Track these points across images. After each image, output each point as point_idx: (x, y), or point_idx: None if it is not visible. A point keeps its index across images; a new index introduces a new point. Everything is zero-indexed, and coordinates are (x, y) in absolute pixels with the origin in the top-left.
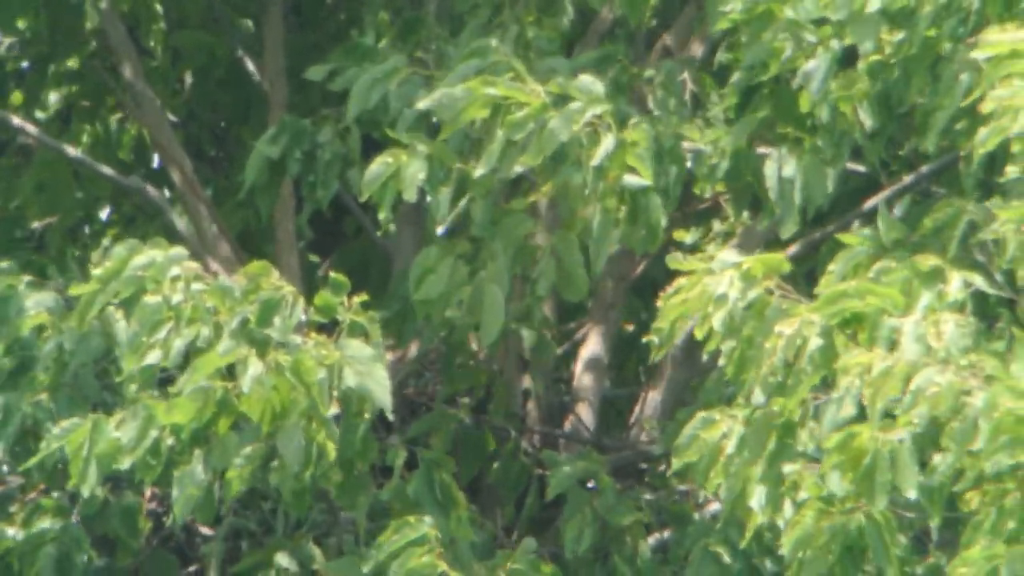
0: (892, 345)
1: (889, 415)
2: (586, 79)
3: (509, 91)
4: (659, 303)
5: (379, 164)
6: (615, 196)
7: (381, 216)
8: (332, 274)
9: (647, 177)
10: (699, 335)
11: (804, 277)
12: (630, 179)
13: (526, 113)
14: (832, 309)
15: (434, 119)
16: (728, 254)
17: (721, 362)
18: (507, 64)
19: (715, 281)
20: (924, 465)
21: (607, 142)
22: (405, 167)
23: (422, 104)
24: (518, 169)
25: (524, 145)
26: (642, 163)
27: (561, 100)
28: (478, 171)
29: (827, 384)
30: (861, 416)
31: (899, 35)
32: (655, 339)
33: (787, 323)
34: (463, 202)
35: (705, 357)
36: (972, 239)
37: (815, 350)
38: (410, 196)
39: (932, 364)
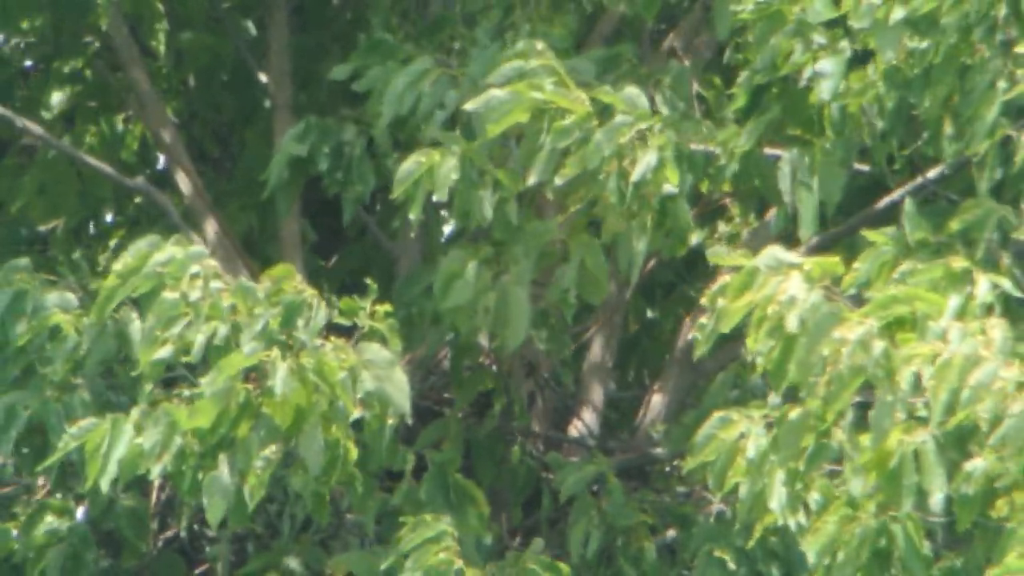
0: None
1: (916, 417)
2: (631, 91)
3: (554, 96)
4: (704, 300)
5: (412, 163)
6: (646, 205)
7: (411, 215)
8: (367, 280)
9: (675, 183)
10: (751, 340)
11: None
12: (667, 188)
13: (572, 121)
14: (883, 313)
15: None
16: (779, 252)
17: (756, 360)
18: (549, 67)
19: (779, 283)
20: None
21: (649, 158)
22: (438, 167)
23: (469, 106)
24: (558, 181)
25: (565, 153)
26: (673, 171)
27: (604, 110)
28: (531, 178)
29: (866, 388)
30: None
31: (922, 43)
32: (698, 335)
33: (845, 328)
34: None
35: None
36: (1002, 240)
37: (879, 354)
38: (441, 195)
39: (990, 360)
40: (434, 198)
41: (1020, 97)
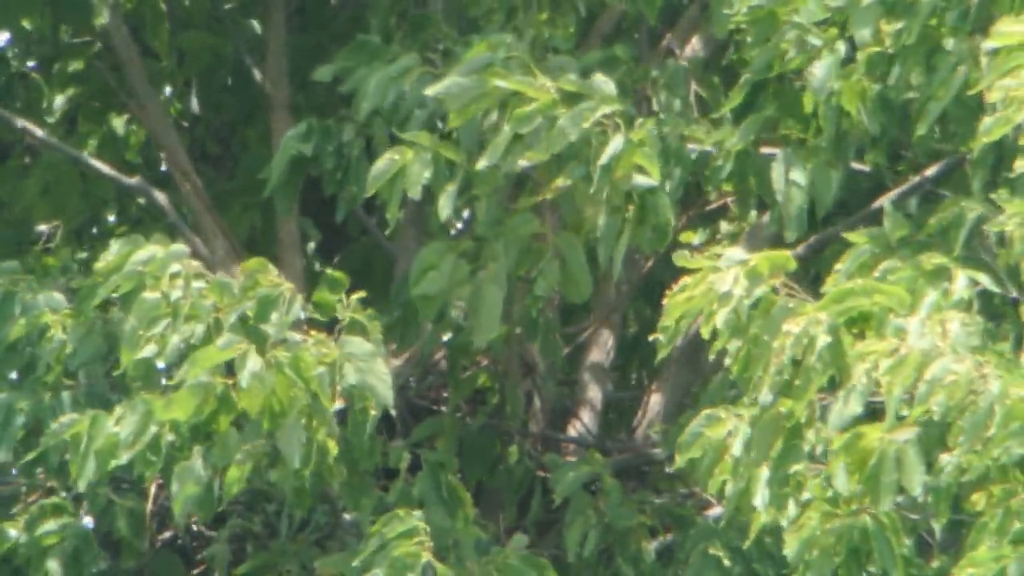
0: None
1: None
2: (598, 78)
3: (519, 84)
4: (665, 301)
5: (385, 161)
6: (622, 196)
7: (388, 214)
8: (329, 271)
9: (655, 176)
10: (704, 333)
11: (810, 279)
12: (638, 179)
13: (534, 108)
14: (839, 307)
15: (439, 121)
16: (734, 252)
17: (727, 361)
18: (519, 59)
19: (720, 279)
20: (930, 466)
21: (616, 142)
22: (410, 165)
23: (431, 91)
24: (523, 164)
25: (531, 141)
26: (650, 162)
27: (571, 98)
28: (481, 163)
29: (834, 385)
30: (868, 415)
31: (898, 25)
32: (661, 337)
33: (794, 321)
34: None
35: (711, 358)
36: (978, 234)
37: (824, 348)
38: (414, 194)
39: (945, 354)
40: (408, 195)
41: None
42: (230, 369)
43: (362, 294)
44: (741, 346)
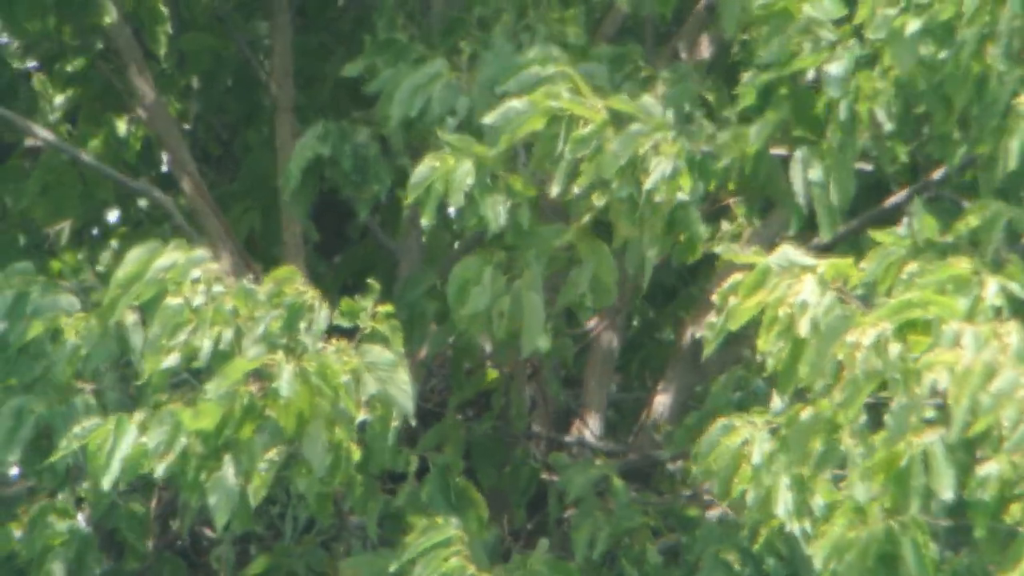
0: None
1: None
2: (648, 100)
3: (571, 105)
4: (714, 298)
5: (426, 167)
6: (664, 217)
7: (424, 220)
8: (369, 280)
9: (687, 191)
10: (762, 341)
11: None
12: (680, 196)
13: (590, 131)
14: (898, 318)
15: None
16: (791, 252)
17: (768, 362)
18: (565, 74)
19: (798, 287)
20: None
21: (663, 167)
22: (453, 171)
23: (488, 120)
24: (576, 190)
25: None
26: (687, 178)
27: (619, 117)
28: (554, 190)
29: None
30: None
31: (939, 53)
32: (707, 334)
33: (858, 331)
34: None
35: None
36: (1010, 242)
37: (896, 358)
38: (457, 201)
39: (1008, 367)
40: (449, 203)
41: None
42: (254, 376)
43: (390, 308)
44: (784, 347)
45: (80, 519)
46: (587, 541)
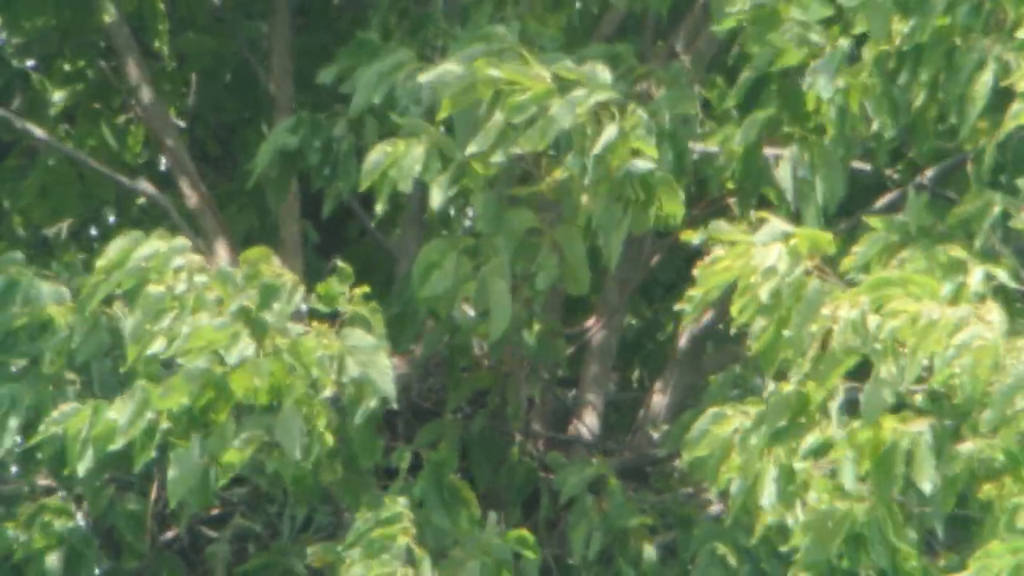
0: None
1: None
2: (594, 66)
3: (512, 74)
4: (695, 272)
5: (378, 153)
6: (621, 184)
7: (378, 207)
8: (339, 264)
9: (653, 157)
10: (735, 309)
11: None
12: (636, 163)
13: (528, 96)
14: (875, 295)
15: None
16: (777, 223)
17: (750, 342)
18: (514, 50)
19: (763, 252)
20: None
21: (609, 131)
22: (403, 157)
23: (423, 78)
24: (516, 151)
25: (524, 130)
26: (646, 145)
27: (566, 87)
28: (470, 148)
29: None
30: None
31: (910, 23)
32: (686, 307)
33: (832, 306)
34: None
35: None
36: (999, 228)
37: (874, 330)
38: (405, 187)
39: (975, 324)
40: (400, 188)
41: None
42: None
43: (366, 288)
44: (766, 325)
45: (78, 518)
46: (584, 540)
